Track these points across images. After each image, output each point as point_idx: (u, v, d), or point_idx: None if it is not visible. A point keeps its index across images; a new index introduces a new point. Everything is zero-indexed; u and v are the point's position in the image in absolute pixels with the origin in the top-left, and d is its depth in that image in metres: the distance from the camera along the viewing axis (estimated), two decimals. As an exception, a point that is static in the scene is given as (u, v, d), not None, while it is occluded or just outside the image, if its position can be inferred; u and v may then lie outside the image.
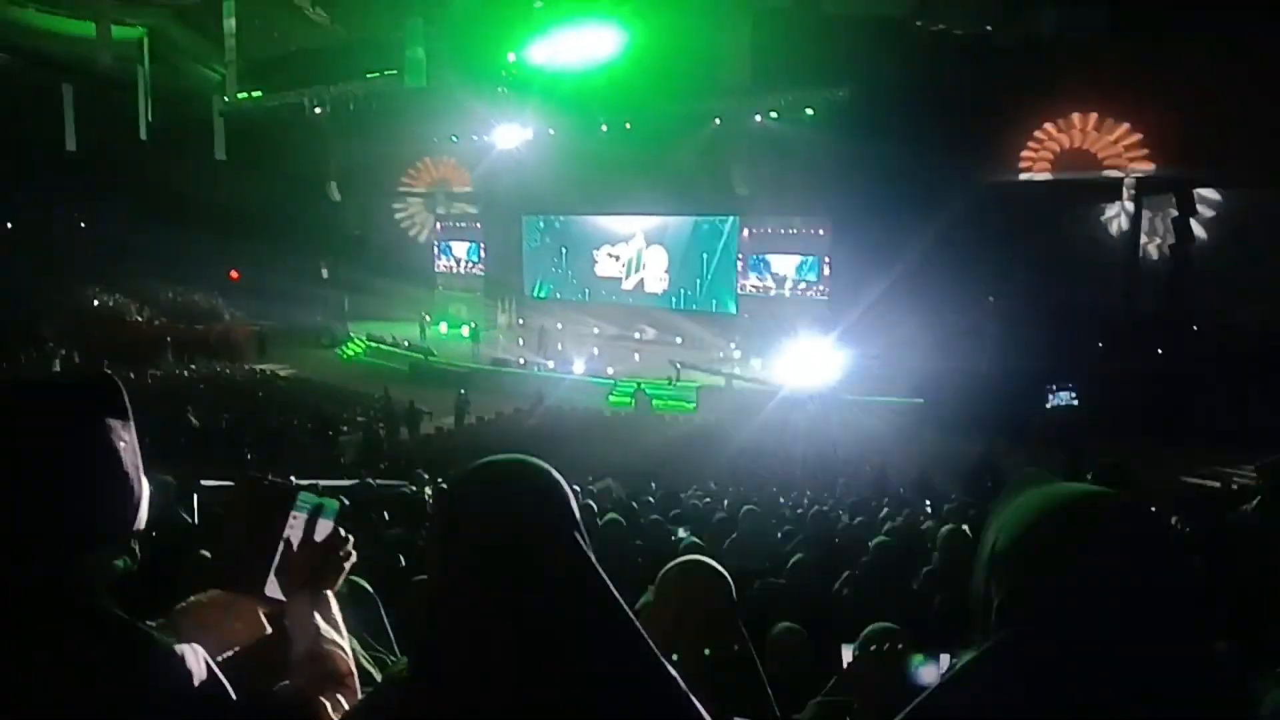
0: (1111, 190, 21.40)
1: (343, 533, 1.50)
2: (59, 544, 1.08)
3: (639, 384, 22.02)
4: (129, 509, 1.16)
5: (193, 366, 24.46)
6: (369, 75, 23.26)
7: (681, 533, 6.56)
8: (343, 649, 1.40)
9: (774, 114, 23.69)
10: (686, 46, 18.41)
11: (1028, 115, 21.63)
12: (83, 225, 34.21)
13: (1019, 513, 1.03)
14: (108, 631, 1.07)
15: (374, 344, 29.80)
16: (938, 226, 20.45)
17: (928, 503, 10.63)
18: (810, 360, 23.37)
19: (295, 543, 1.42)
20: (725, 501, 9.52)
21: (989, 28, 18.99)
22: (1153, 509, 1.05)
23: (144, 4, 18.69)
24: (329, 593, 1.46)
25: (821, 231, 26.10)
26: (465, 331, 29.97)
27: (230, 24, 18.12)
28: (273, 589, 1.38)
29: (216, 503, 5.18)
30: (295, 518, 1.43)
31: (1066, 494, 1.03)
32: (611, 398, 22.72)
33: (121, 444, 1.15)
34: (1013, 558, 1.01)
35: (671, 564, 2.13)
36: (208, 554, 2.90)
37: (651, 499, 9.19)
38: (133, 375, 22.00)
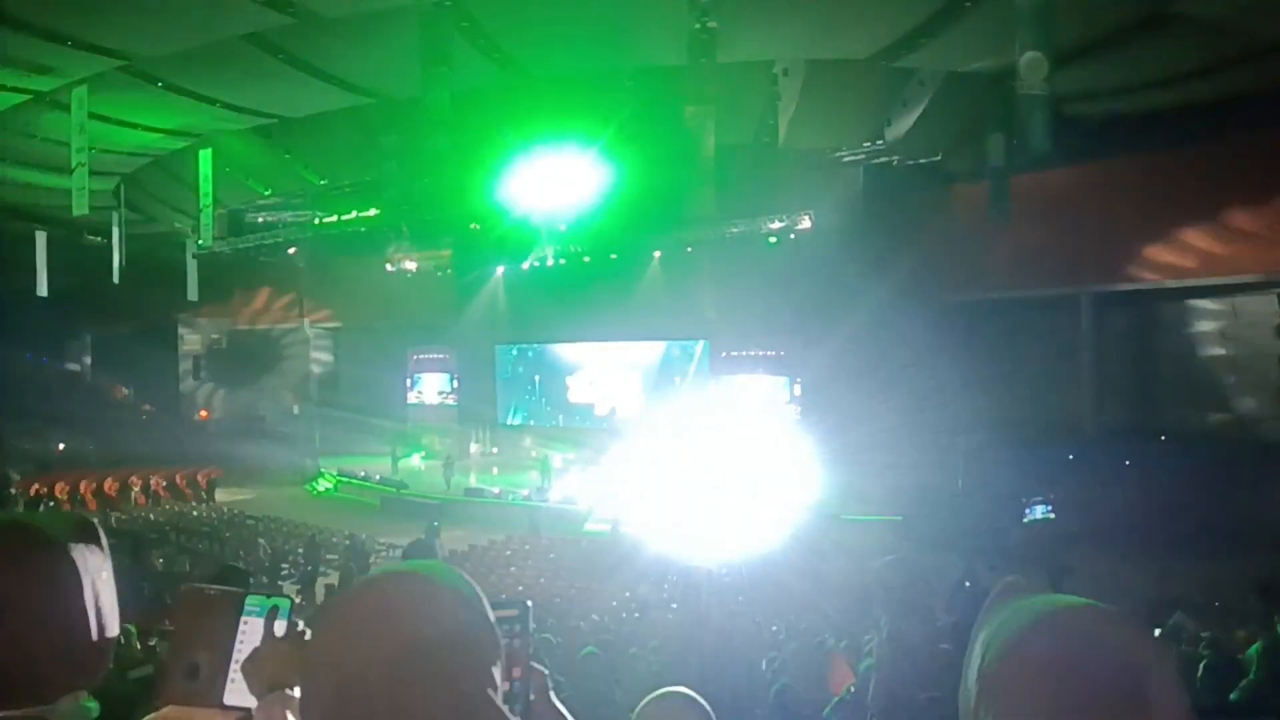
0: (1070, 305, 22.01)
1: (300, 627, 1.43)
2: (40, 682, 1.07)
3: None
4: (103, 650, 1.16)
5: (149, 516, 23.87)
6: (343, 219, 23.79)
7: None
8: None
9: (738, 241, 24.42)
10: (654, 181, 19.11)
11: (982, 236, 22.45)
12: (54, 368, 34.08)
13: (1008, 628, 1.00)
14: None
15: (345, 479, 29.40)
16: (903, 345, 20.89)
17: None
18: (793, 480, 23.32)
19: (251, 647, 1.37)
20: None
21: (939, 156, 19.89)
22: (1139, 622, 1.02)
23: (120, 154, 19.13)
24: (293, 691, 1.39)
25: (794, 353, 26.50)
26: (416, 460, 29.82)
27: (205, 170, 18.57)
28: (233, 697, 1.34)
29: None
30: (247, 622, 1.39)
31: (1057, 607, 1.00)
32: (587, 526, 22.42)
33: (100, 584, 1.17)
34: (1003, 676, 0.97)
35: (650, 697, 2.09)
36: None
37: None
38: (97, 520, 21.46)
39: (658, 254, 26.29)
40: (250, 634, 1.38)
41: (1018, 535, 17.53)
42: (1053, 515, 18.37)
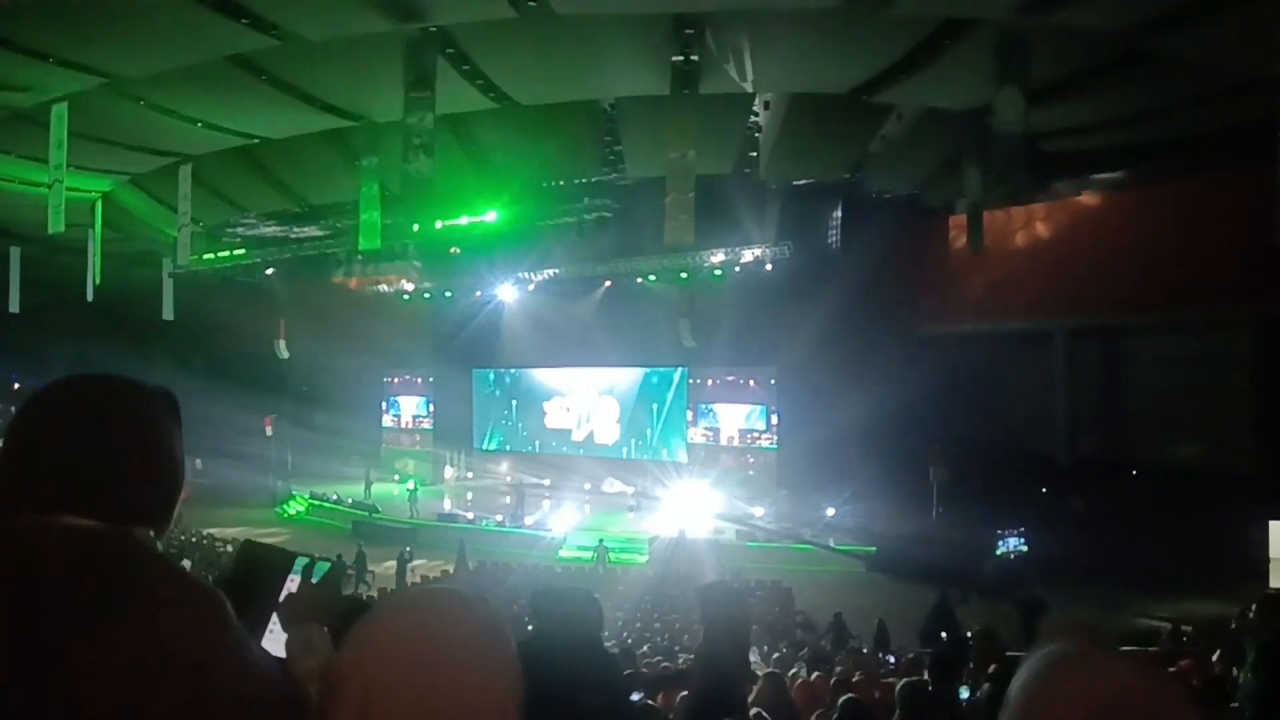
0: (1043, 339, 22.26)
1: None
2: (128, 507, 1.22)
3: (600, 538, 21.62)
4: (174, 498, 1.32)
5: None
6: (322, 240, 23.68)
7: (634, 696, 6.33)
8: None
9: (718, 271, 24.53)
10: (634, 209, 19.23)
11: (958, 269, 22.73)
12: (16, 386, 33.57)
13: (1033, 669, 1.01)
14: (187, 578, 1.17)
15: (316, 502, 29.07)
16: (879, 375, 21.03)
17: (887, 655, 10.45)
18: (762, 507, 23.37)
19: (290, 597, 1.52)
20: (681, 658, 9.27)
21: (916, 189, 20.12)
22: (1164, 673, 1.01)
23: (98, 171, 18.94)
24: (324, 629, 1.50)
25: (771, 382, 26.63)
26: (410, 486, 29.52)
27: (184, 189, 18.41)
28: (269, 645, 1.43)
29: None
30: (292, 580, 1.53)
31: (1076, 660, 1.00)
32: (561, 552, 22.27)
33: (175, 439, 1.33)
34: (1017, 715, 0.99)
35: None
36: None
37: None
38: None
39: (640, 280, 26.38)
40: (292, 589, 1.54)
41: (991, 567, 17.59)
42: (1026, 548, 18.46)
